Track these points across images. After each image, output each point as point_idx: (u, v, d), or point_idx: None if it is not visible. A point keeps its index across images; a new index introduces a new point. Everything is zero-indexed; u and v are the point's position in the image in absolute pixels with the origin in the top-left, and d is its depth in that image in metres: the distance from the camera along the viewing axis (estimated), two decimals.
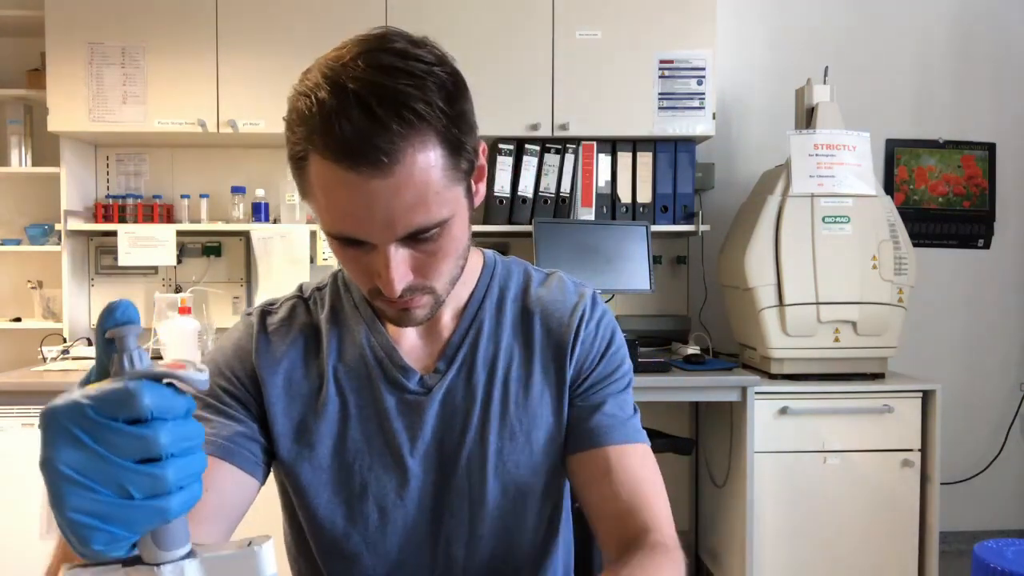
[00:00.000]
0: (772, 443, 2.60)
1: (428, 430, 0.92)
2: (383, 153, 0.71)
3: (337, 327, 0.95)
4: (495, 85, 2.83)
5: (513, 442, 0.93)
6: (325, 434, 0.91)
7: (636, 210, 2.97)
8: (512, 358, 0.95)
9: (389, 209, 0.74)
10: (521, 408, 0.93)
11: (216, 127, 2.82)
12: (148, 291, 3.11)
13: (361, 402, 0.92)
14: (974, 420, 3.40)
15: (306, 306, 0.97)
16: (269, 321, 0.95)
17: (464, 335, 0.94)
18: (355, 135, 0.70)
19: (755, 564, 2.57)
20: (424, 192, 0.74)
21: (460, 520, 0.92)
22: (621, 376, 0.98)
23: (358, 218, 0.75)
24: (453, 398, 0.93)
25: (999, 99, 3.41)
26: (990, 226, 3.42)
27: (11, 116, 2.97)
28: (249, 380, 0.92)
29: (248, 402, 0.91)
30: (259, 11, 2.80)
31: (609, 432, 0.92)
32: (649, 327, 3.19)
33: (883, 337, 2.70)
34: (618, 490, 0.89)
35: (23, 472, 2.41)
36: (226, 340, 0.96)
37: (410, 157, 0.72)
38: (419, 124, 0.73)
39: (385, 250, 0.76)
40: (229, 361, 0.93)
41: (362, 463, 0.91)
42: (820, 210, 2.68)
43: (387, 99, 0.71)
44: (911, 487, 2.64)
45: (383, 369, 0.92)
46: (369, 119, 0.70)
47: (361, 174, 0.72)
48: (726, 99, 3.26)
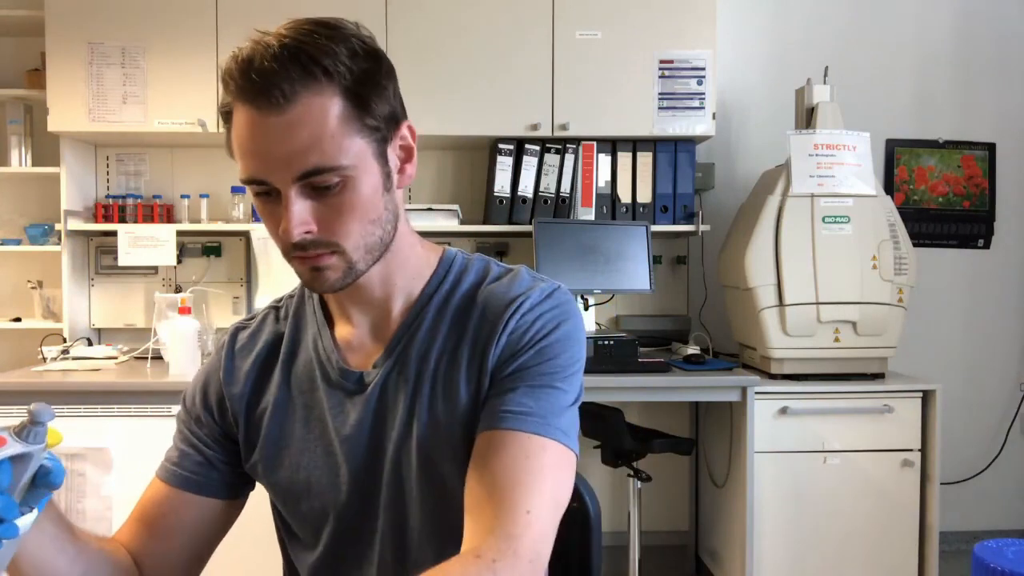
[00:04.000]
0: (772, 443, 2.59)
1: (363, 426, 0.92)
2: (281, 93, 0.78)
3: (296, 333, 0.99)
4: (495, 85, 2.84)
5: (436, 435, 0.88)
6: (272, 437, 0.96)
7: (636, 210, 2.97)
8: (444, 351, 0.91)
9: (284, 145, 0.79)
10: (445, 400, 0.89)
11: (216, 127, 2.81)
12: (148, 291, 3.11)
13: (308, 403, 0.95)
14: (974, 420, 3.40)
15: (276, 315, 1.02)
16: (239, 338, 1.01)
17: (406, 330, 0.93)
18: (260, 76, 0.78)
19: (755, 564, 2.57)
20: (319, 133, 0.79)
21: (393, 513, 0.92)
22: (550, 371, 0.87)
23: (259, 156, 0.80)
24: (385, 394, 0.92)
25: (999, 99, 3.41)
26: (990, 226, 3.42)
27: (11, 116, 2.97)
28: (216, 403, 0.99)
29: (211, 425, 0.99)
30: (259, 11, 2.79)
31: (504, 418, 0.83)
32: (649, 327, 3.19)
33: (883, 337, 2.70)
34: (486, 486, 0.80)
35: None
36: (206, 362, 1.04)
37: (305, 99, 0.78)
38: (321, 77, 0.79)
39: (287, 193, 0.80)
40: (198, 388, 1.00)
41: (304, 462, 0.94)
42: (820, 210, 2.68)
43: (297, 51, 0.79)
44: (911, 487, 2.64)
45: (324, 370, 0.95)
46: (277, 64, 0.78)
47: (260, 111, 0.78)
48: (726, 99, 3.26)
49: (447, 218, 2.97)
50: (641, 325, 3.18)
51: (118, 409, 2.44)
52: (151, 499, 0.96)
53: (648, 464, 2.64)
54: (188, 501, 0.96)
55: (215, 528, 0.98)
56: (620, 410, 2.55)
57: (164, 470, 0.98)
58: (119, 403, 2.44)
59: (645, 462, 2.61)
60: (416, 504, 0.91)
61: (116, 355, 2.83)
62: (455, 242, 3.18)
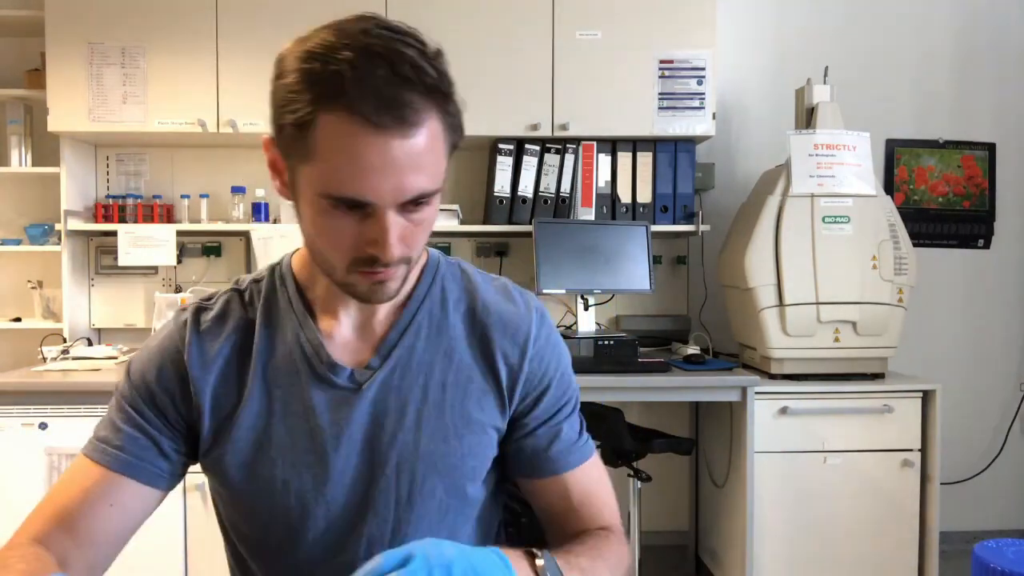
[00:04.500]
0: (772, 443, 2.59)
1: (357, 427, 0.90)
2: (410, 111, 0.74)
3: (269, 322, 0.94)
4: (495, 85, 2.84)
5: (447, 446, 0.91)
6: (248, 430, 0.90)
7: (636, 210, 2.97)
8: (455, 362, 0.93)
9: (404, 170, 0.75)
10: (458, 414, 0.92)
11: (216, 127, 2.81)
12: (148, 291, 3.11)
13: (288, 398, 0.91)
14: (974, 420, 3.40)
15: (241, 300, 0.96)
16: (203, 319, 0.94)
17: (402, 332, 0.93)
18: (385, 93, 0.73)
19: (755, 564, 2.57)
20: (433, 158, 0.78)
21: (384, 519, 0.91)
22: (570, 397, 1.00)
23: (372, 178, 0.75)
24: (386, 396, 0.91)
25: (999, 99, 3.41)
26: (990, 226, 3.42)
27: (11, 116, 2.97)
28: (177, 383, 0.91)
29: (167, 408, 0.91)
30: (259, 11, 2.80)
31: (567, 458, 0.97)
32: (649, 327, 3.19)
33: (883, 337, 2.70)
34: (576, 510, 0.97)
35: (24, 472, 2.41)
36: (154, 341, 0.94)
37: (427, 121, 0.76)
38: (433, 92, 0.76)
39: (386, 213, 0.77)
40: (155, 365, 0.92)
41: (284, 459, 0.90)
42: (820, 210, 2.68)
43: (409, 63, 0.74)
44: (911, 487, 2.64)
45: (311, 365, 0.91)
46: (399, 79, 0.73)
47: (384, 132, 0.73)
48: (726, 99, 3.26)
49: (447, 218, 2.97)
50: (641, 325, 3.18)
51: None
52: (80, 487, 0.87)
53: (648, 464, 2.64)
54: (129, 490, 0.88)
55: (140, 520, 0.90)
56: (620, 410, 2.55)
57: (103, 453, 0.89)
58: None
59: (645, 462, 2.61)
60: (410, 511, 0.91)
61: (116, 355, 2.83)
62: (455, 242, 3.19)
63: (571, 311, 2.92)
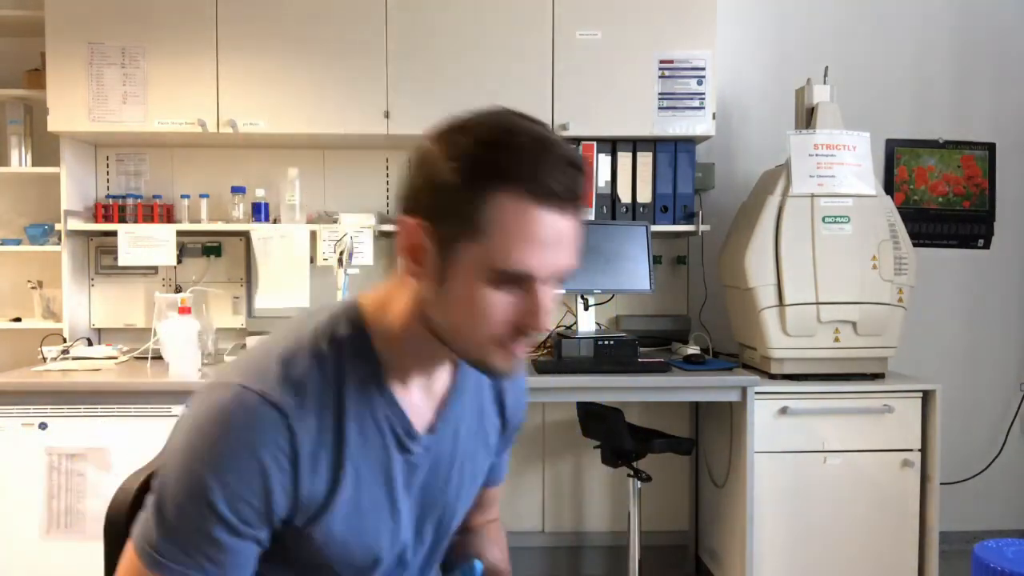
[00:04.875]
0: (772, 443, 2.60)
1: (420, 487, 0.98)
2: (584, 200, 0.85)
3: (357, 394, 0.90)
4: (495, 85, 2.83)
5: (473, 488, 1.08)
6: (352, 503, 0.90)
7: (636, 210, 2.97)
8: (474, 412, 1.05)
9: (570, 247, 0.85)
10: (480, 461, 1.08)
11: (216, 127, 2.81)
12: (148, 291, 3.11)
13: (375, 470, 0.92)
14: (974, 420, 3.40)
15: (322, 370, 0.88)
16: (295, 417, 0.85)
17: (458, 392, 1.01)
18: (566, 174, 0.81)
19: (755, 564, 2.57)
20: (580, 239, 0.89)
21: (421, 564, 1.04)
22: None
23: (544, 253, 0.82)
24: (441, 452, 0.99)
25: (999, 99, 3.41)
26: (990, 226, 3.42)
27: (11, 116, 2.97)
28: (290, 503, 0.87)
29: (270, 519, 0.86)
30: (259, 11, 2.80)
31: (502, 472, 1.20)
32: (649, 327, 3.19)
33: (883, 337, 2.70)
34: (492, 505, 1.22)
35: (24, 472, 2.41)
36: (256, 450, 0.83)
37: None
38: (587, 180, 0.87)
39: (546, 288, 0.85)
40: (261, 490, 0.84)
41: (372, 524, 0.93)
42: (820, 210, 2.68)
43: (573, 151, 0.85)
44: (911, 487, 2.64)
45: (398, 439, 0.93)
46: (576, 171, 0.83)
47: (566, 214, 0.82)
48: (726, 99, 3.26)
49: None
50: (641, 325, 3.18)
51: (118, 409, 2.44)
52: None
53: (648, 464, 2.64)
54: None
55: None
56: (620, 410, 2.55)
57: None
58: (119, 403, 2.44)
59: (645, 462, 2.61)
60: (437, 550, 1.05)
61: (116, 355, 2.83)
62: None
63: (571, 311, 2.92)
